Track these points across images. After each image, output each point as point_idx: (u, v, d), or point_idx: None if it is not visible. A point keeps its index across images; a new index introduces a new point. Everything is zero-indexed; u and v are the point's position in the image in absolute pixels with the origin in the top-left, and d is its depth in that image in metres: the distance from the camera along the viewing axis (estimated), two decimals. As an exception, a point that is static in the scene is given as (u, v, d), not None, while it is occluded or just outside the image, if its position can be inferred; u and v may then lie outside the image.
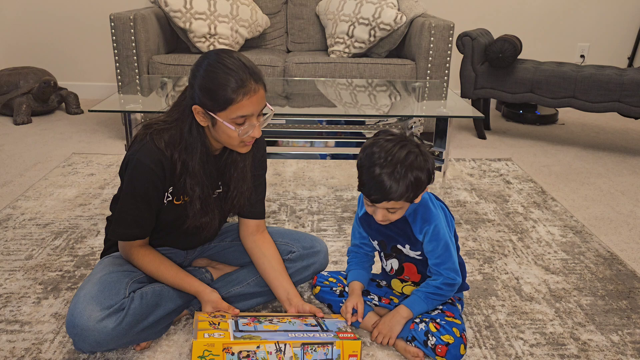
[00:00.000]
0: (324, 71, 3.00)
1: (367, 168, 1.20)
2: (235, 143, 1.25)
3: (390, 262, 1.43)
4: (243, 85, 1.17)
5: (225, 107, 1.19)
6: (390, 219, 1.28)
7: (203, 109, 1.21)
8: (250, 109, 1.20)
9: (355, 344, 1.23)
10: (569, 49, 3.92)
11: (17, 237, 1.91)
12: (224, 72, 1.17)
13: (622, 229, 2.07)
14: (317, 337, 1.23)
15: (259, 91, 1.20)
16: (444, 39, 2.94)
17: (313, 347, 1.20)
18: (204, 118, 1.22)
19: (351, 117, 2.13)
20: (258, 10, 3.33)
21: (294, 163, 2.70)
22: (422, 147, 1.24)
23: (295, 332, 1.23)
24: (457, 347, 1.26)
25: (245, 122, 1.22)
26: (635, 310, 1.55)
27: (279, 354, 1.18)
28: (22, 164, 2.64)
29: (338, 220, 2.08)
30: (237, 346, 1.15)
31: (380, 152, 1.20)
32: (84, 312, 1.19)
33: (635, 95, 2.77)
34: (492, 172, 2.63)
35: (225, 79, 1.17)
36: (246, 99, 1.18)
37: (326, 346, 1.20)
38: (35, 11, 3.75)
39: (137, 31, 2.91)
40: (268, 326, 1.25)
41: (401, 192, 1.19)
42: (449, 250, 1.32)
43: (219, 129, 1.23)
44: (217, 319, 1.25)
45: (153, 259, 1.35)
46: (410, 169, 1.19)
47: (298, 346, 1.19)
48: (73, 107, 3.53)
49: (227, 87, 1.17)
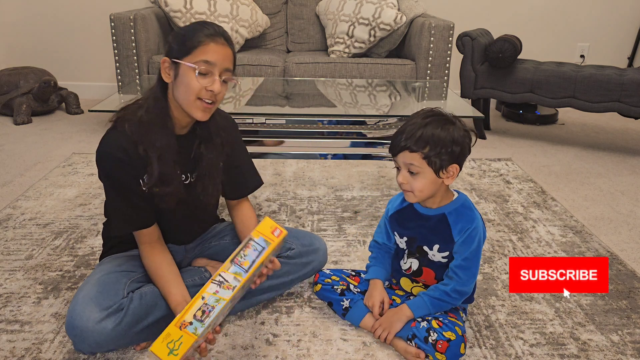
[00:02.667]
0: (324, 71, 3.00)
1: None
2: (192, 98, 1.23)
3: (410, 261, 1.41)
4: (213, 34, 1.22)
5: (191, 50, 1.21)
6: (411, 183, 1.26)
7: (170, 58, 1.24)
8: (214, 56, 1.22)
9: (264, 221, 1.18)
10: (569, 49, 3.92)
11: (17, 237, 1.91)
12: (198, 24, 1.25)
13: (622, 229, 2.07)
14: (236, 246, 1.19)
15: (226, 47, 1.24)
16: (444, 39, 2.94)
17: (240, 254, 1.16)
18: (169, 71, 1.25)
19: (351, 117, 2.13)
20: (258, 10, 3.33)
21: (294, 163, 2.70)
22: (463, 124, 1.26)
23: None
24: (458, 345, 1.26)
25: (207, 74, 1.22)
26: (635, 310, 1.55)
27: (223, 285, 1.14)
28: (22, 164, 2.64)
29: (338, 220, 2.08)
30: (187, 313, 1.11)
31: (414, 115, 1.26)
32: (83, 313, 1.19)
33: (635, 95, 2.77)
34: (492, 172, 2.63)
35: (197, 28, 1.23)
36: (213, 44, 1.21)
37: (248, 244, 1.16)
38: (35, 11, 3.75)
39: (137, 31, 2.91)
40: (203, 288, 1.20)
41: (417, 142, 1.21)
42: (477, 257, 1.31)
43: (180, 80, 1.23)
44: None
45: (154, 260, 1.34)
46: (435, 124, 1.21)
47: (229, 266, 1.15)
48: (73, 107, 3.53)
49: (197, 32, 1.22)
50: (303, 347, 1.36)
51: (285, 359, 1.32)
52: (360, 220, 2.07)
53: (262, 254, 1.17)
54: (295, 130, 2.24)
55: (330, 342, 1.38)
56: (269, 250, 1.17)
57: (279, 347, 1.36)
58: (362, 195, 2.31)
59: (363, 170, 2.61)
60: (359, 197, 2.30)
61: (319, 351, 1.35)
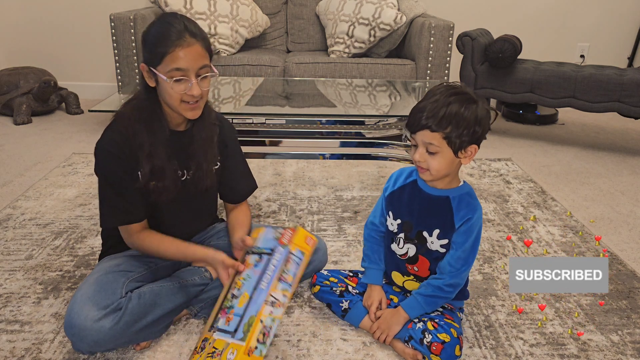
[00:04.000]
0: (324, 71, 3.00)
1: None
2: (176, 103, 1.26)
3: (407, 246, 1.36)
4: (178, 37, 1.20)
5: (161, 59, 1.21)
6: (428, 162, 1.22)
7: (147, 65, 1.25)
8: (184, 62, 1.21)
9: (299, 232, 1.21)
10: (569, 49, 3.92)
11: (17, 237, 1.91)
12: (162, 26, 1.22)
13: (622, 229, 2.07)
14: (276, 262, 1.22)
15: (193, 45, 1.22)
16: (444, 39, 2.94)
17: (284, 270, 1.19)
18: (149, 76, 1.26)
19: (351, 117, 2.13)
20: (258, 10, 3.33)
21: (294, 163, 2.70)
22: (485, 102, 1.22)
23: (261, 281, 1.21)
24: (453, 346, 1.25)
25: (182, 78, 1.23)
26: (635, 310, 1.55)
27: (275, 304, 1.17)
28: (22, 164, 2.64)
29: (338, 220, 2.08)
30: (251, 340, 1.13)
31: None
32: (81, 312, 1.19)
33: (635, 95, 2.77)
34: (492, 172, 2.63)
35: (161, 32, 1.21)
36: (179, 50, 1.20)
37: (288, 259, 1.19)
38: (35, 11, 3.75)
39: (137, 31, 2.91)
40: (241, 301, 1.22)
41: (440, 122, 1.17)
42: (476, 248, 1.29)
43: (161, 87, 1.25)
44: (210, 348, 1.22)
45: (153, 239, 1.36)
46: (459, 103, 1.17)
47: (277, 283, 1.18)
48: (73, 107, 3.53)
49: (162, 39, 1.21)
50: (303, 347, 1.36)
51: (285, 359, 1.32)
52: (360, 220, 2.07)
53: (301, 265, 1.21)
54: (295, 130, 2.24)
55: (330, 342, 1.38)
56: (305, 260, 1.21)
57: (279, 347, 1.36)
58: (362, 195, 2.31)
59: (363, 170, 2.61)
60: (359, 197, 2.30)
61: (319, 351, 1.35)
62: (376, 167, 2.65)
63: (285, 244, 1.23)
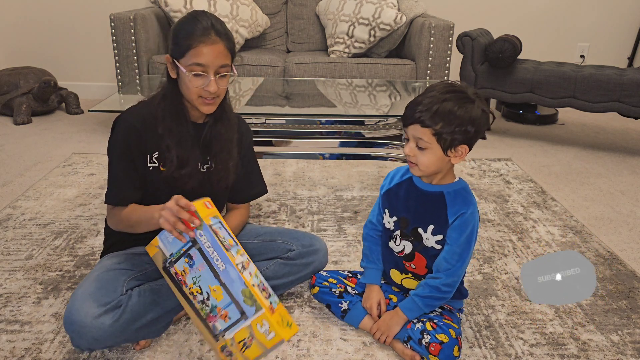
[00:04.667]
0: (324, 71, 3.00)
1: None
2: (194, 97, 1.29)
3: (404, 243, 1.36)
4: (203, 34, 1.23)
5: (185, 52, 1.24)
6: (418, 157, 1.22)
7: (171, 57, 1.28)
8: (206, 58, 1.24)
9: (197, 207, 1.14)
10: (569, 49, 3.92)
11: (17, 237, 1.91)
12: (190, 21, 1.26)
13: (622, 229, 2.07)
14: (209, 243, 1.14)
15: (217, 43, 1.25)
16: (444, 39, 2.94)
17: (221, 241, 1.14)
18: (172, 68, 1.30)
19: (351, 117, 2.13)
20: (258, 10, 3.33)
21: (294, 163, 2.70)
22: (483, 103, 1.21)
23: (215, 267, 1.14)
24: (451, 347, 1.25)
25: (202, 73, 1.25)
26: (635, 310, 1.55)
27: (245, 263, 1.14)
28: (22, 164, 2.65)
29: (338, 220, 2.08)
30: (262, 301, 1.11)
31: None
32: (81, 309, 1.19)
33: (635, 95, 2.77)
34: (492, 172, 2.63)
35: (189, 26, 1.25)
36: (202, 46, 1.23)
37: (214, 231, 1.13)
38: (35, 11, 3.75)
39: (137, 31, 2.91)
40: (216, 296, 1.15)
41: (432, 117, 1.17)
42: (470, 244, 1.28)
43: (181, 80, 1.28)
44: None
45: (127, 210, 1.32)
46: (454, 101, 1.17)
47: (230, 253, 1.13)
48: (73, 107, 3.53)
49: (188, 33, 1.24)
50: (303, 347, 1.36)
51: (285, 359, 1.32)
52: (360, 220, 2.07)
53: (225, 225, 1.19)
54: (295, 130, 2.24)
55: (330, 342, 1.38)
56: (222, 219, 1.20)
57: (278, 347, 1.36)
58: (362, 195, 2.31)
59: (363, 170, 2.61)
60: (359, 197, 2.30)
61: (319, 351, 1.35)
62: (376, 167, 2.65)
63: (197, 225, 1.14)
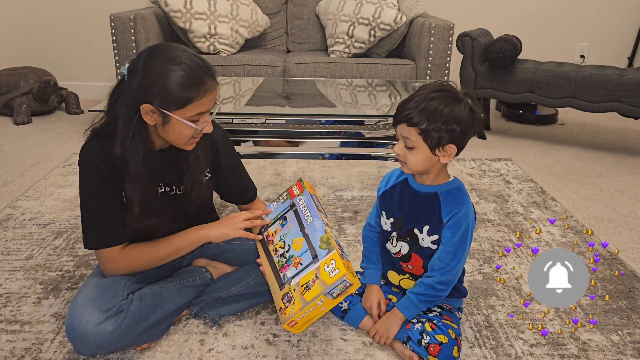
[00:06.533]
0: (324, 71, 3.00)
1: None
2: (185, 141, 1.22)
3: (400, 244, 1.36)
4: (202, 83, 1.16)
5: (184, 105, 1.16)
6: (406, 156, 1.24)
7: (155, 107, 1.15)
8: (207, 106, 1.20)
9: (304, 182, 1.25)
10: (569, 49, 3.92)
11: (17, 237, 1.91)
12: (180, 68, 1.13)
13: (622, 229, 2.07)
14: (305, 204, 1.25)
15: (215, 87, 1.20)
16: (444, 39, 2.94)
17: (317, 206, 1.25)
18: (153, 117, 1.17)
19: (351, 117, 2.13)
20: (258, 10, 3.33)
21: (294, 163, 2.70)
22: (473, 104, 1.21)
23: (304, 221, 1.23)
24: (451, 348, 1.24)
25: (199, 119, 1.20)
26: (635, 310, 1.55)
27: (329, 226, 1.19)
28: (22, 164, 2.65)
29: (338, 220, 2.08)
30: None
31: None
32: (83, 315, 1.19)
33: (635, 95, 2.77)
34: (492, 172, 2.63)
35: (182, 76, 1.13)
36: (205, 97, 1.17)
37: (312, 199, 1.21)
38: (35, 11, 3.75)
39: (137, 31, 2.91)
40: (296, 247, 1.20)
41: (417, 116, 1.17)
42: (464, 243, 1.27)
43: (171, 127, 1.18)
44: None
45: (139, 250, 1.31)
46: (440, 100, 1.17)
47: (320, 214, 1.21)
48: (73, 107, 3.53)
49: (186, 85, 1.14)
50: (303, 347, 1.36)
51: (285, 359, 1.32)
52: (360, 220, 2.07)
53: (319, 200, 1.24)
54: (295, 130, 2.24)
55: (330, 342, 1.38)
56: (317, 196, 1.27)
57: (279, 347, 1.36)
58: (362, 195, 2.31)
59: (363, 170, 2.61)
60: (359, 197, 2.30)
61: (319, 351, 1.35)
62: (376, 167, 2.65)
63: (300, 193, 1.22)
